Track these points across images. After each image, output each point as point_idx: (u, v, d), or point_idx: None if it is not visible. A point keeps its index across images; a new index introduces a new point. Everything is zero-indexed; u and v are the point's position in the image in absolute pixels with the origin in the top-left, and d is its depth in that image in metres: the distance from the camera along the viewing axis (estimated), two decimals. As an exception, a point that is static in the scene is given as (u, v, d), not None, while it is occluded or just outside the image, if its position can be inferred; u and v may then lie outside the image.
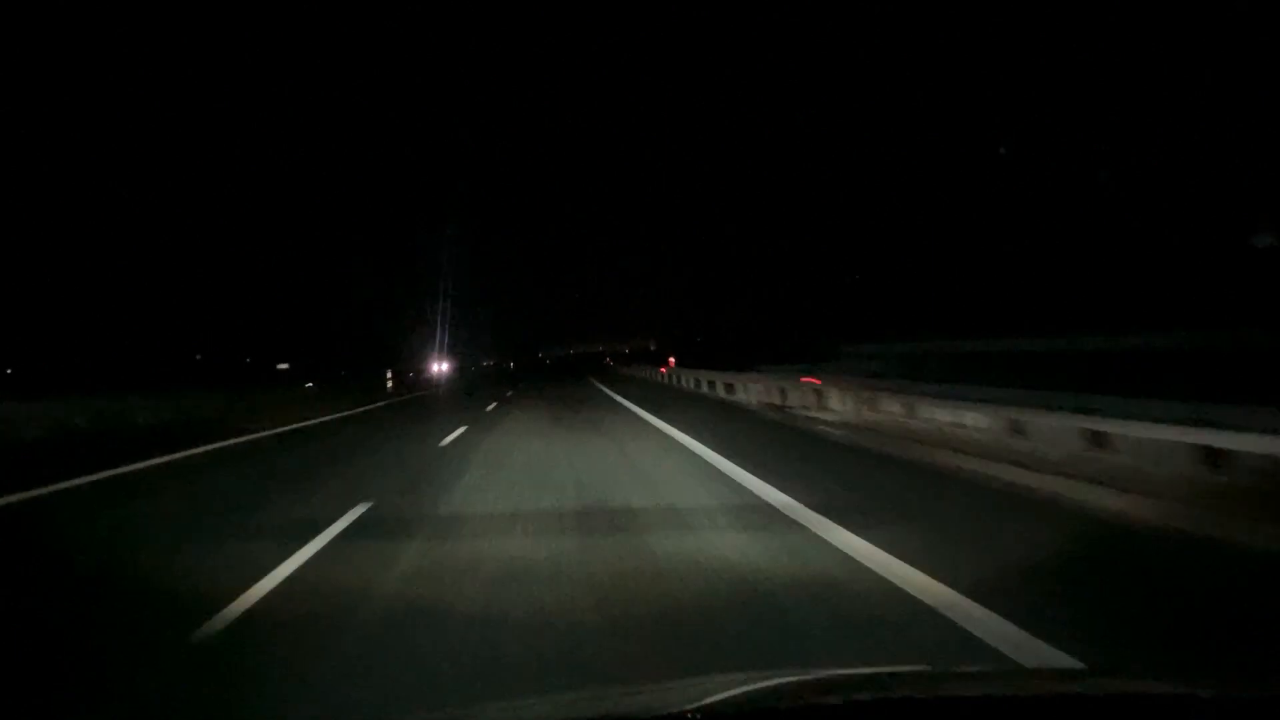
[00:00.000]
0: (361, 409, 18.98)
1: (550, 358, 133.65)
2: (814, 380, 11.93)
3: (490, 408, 17.90)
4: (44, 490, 6.98)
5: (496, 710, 1.60)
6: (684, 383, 23.97)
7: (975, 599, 3.29)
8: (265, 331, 52.89)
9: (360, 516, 5.49)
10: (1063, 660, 2.67)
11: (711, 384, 20.00)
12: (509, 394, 24.49)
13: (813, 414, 11.77)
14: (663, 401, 17.88)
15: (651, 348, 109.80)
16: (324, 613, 3.46)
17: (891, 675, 1.62)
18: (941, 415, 8.55)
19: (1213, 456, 5.23)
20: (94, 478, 7.68)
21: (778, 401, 14.05)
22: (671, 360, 31.57)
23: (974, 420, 7.80)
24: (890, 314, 47.89)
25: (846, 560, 4.06)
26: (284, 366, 46.04)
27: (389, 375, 34.46)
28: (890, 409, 9.92)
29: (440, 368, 43.10)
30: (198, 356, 48.51)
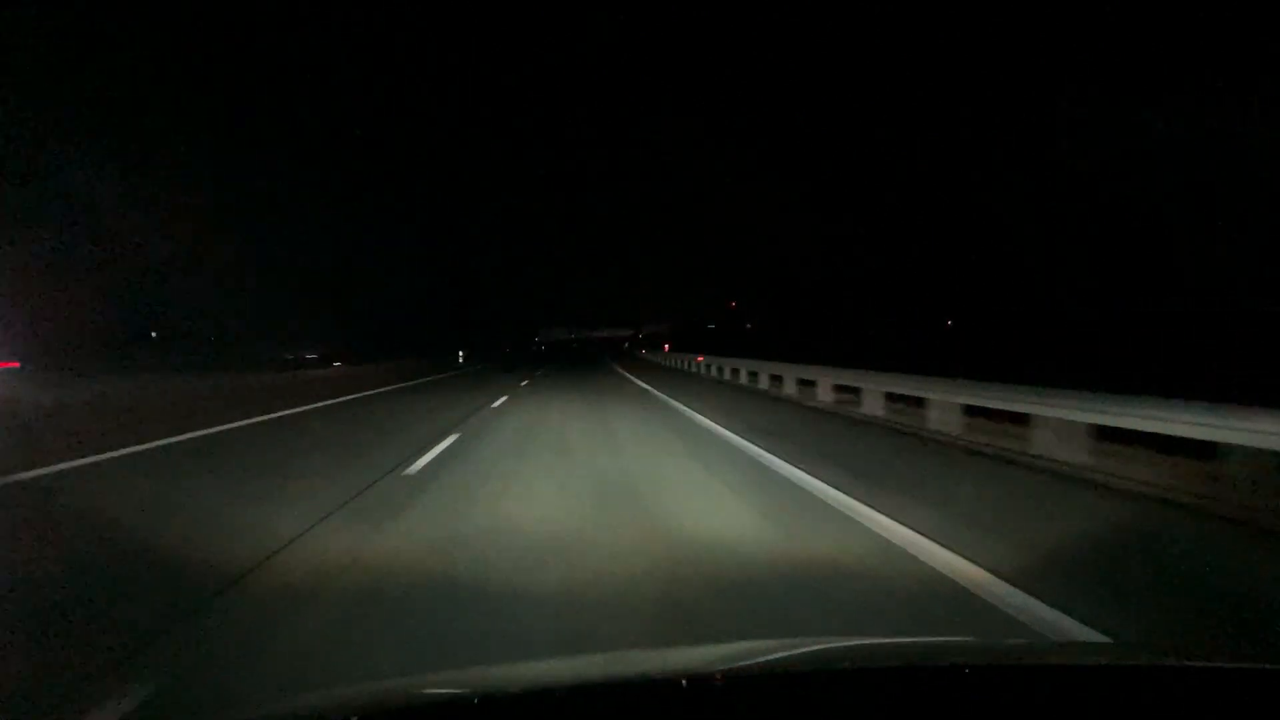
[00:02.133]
0: None
1: (548, 343, 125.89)
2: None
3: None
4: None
5: (531, 670, 1.53)
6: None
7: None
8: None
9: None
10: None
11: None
12: None
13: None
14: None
15: (666, 333, 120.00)
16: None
17: (930, 645, 1.62)
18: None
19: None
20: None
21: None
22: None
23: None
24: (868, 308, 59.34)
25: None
26: None
27: None
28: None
29: None
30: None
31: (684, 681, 1.17)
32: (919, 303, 56.48)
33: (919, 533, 4.63)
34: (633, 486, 6.36)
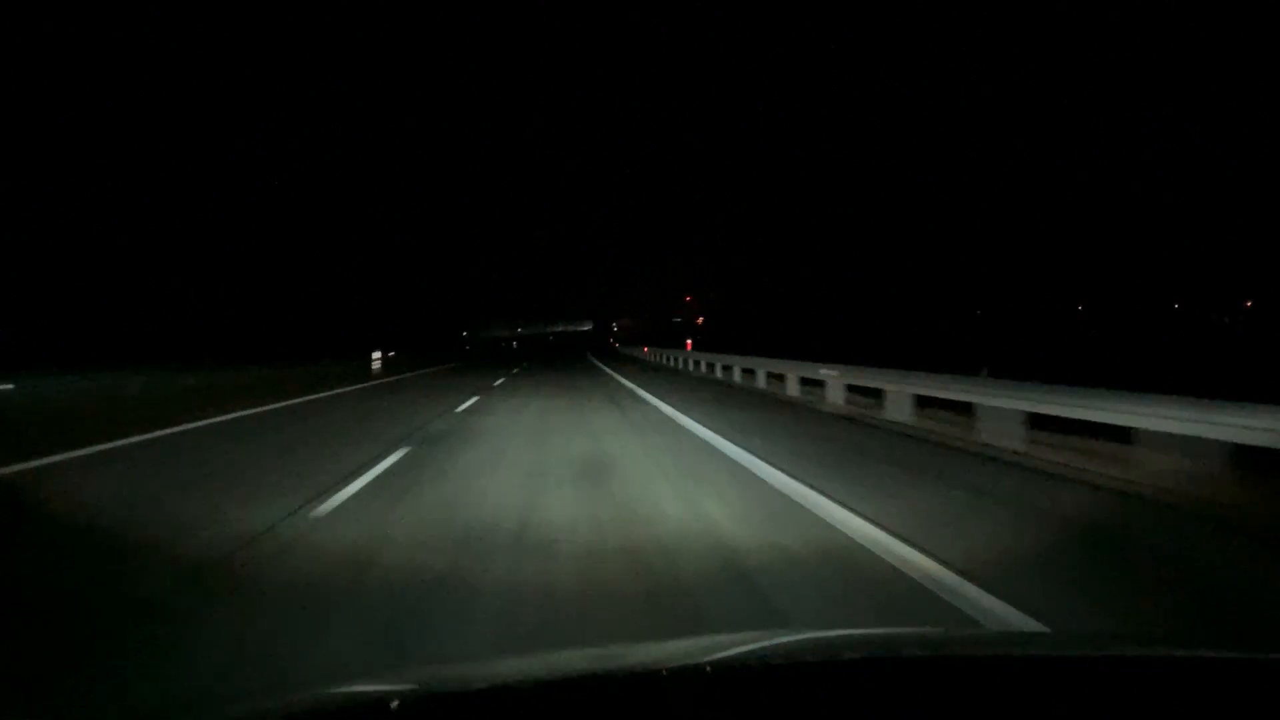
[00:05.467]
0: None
1: (475, 342, 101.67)
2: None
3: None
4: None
5: (505, 666, 1.55)
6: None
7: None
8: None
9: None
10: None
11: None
12: None
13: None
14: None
15: (624, 326, 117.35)
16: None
17: (886, 637, 1.69)
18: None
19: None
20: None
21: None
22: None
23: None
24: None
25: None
26: None
27: None
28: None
29: None
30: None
31: (663, 673, 1.20)
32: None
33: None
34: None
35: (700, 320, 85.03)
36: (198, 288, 54.88)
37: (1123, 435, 6.17)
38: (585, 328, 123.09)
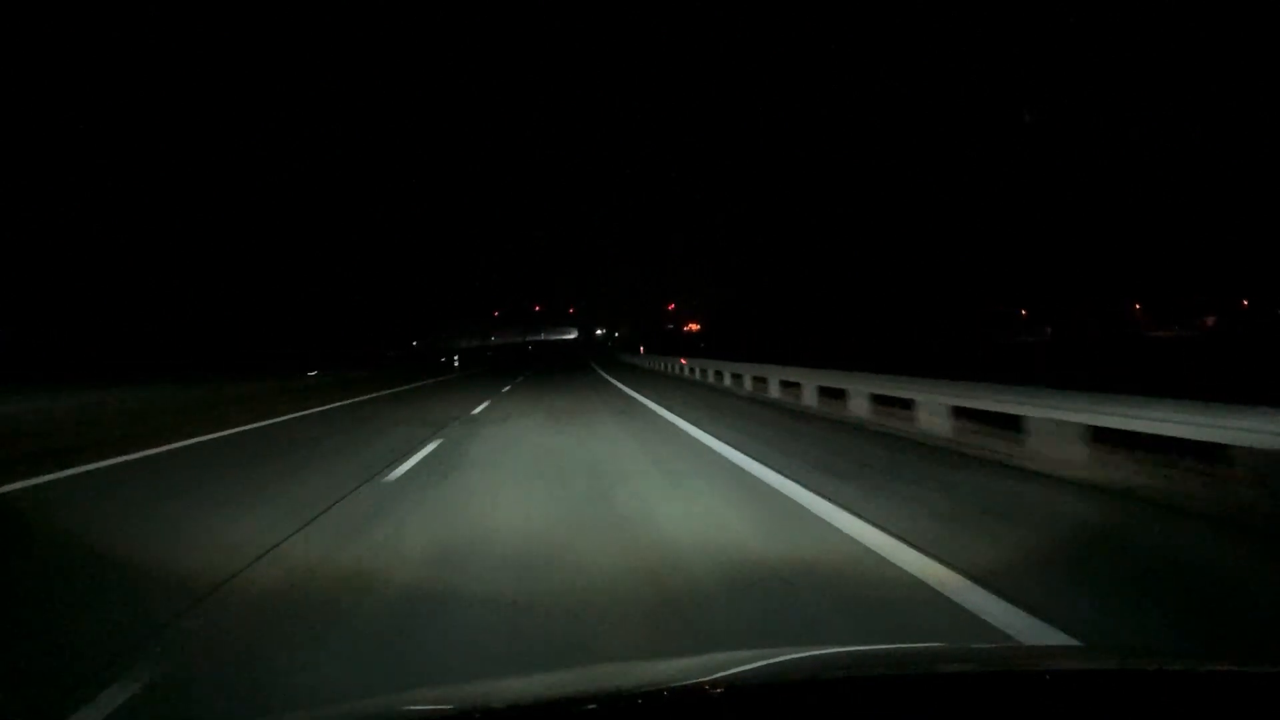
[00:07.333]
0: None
1: (409, 356, 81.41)
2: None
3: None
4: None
5: (508, 687, 1.55)
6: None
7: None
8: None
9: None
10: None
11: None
12: None
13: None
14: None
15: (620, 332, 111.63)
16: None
17: (904, 652, 1.69)
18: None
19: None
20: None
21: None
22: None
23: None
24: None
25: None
26: None
27: None
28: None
29: None
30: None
31: (665, 692, 1.19)
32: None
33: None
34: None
35: (695, 327, 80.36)
36: (197, 288, 53.44)
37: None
38: (570, 336, 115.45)
